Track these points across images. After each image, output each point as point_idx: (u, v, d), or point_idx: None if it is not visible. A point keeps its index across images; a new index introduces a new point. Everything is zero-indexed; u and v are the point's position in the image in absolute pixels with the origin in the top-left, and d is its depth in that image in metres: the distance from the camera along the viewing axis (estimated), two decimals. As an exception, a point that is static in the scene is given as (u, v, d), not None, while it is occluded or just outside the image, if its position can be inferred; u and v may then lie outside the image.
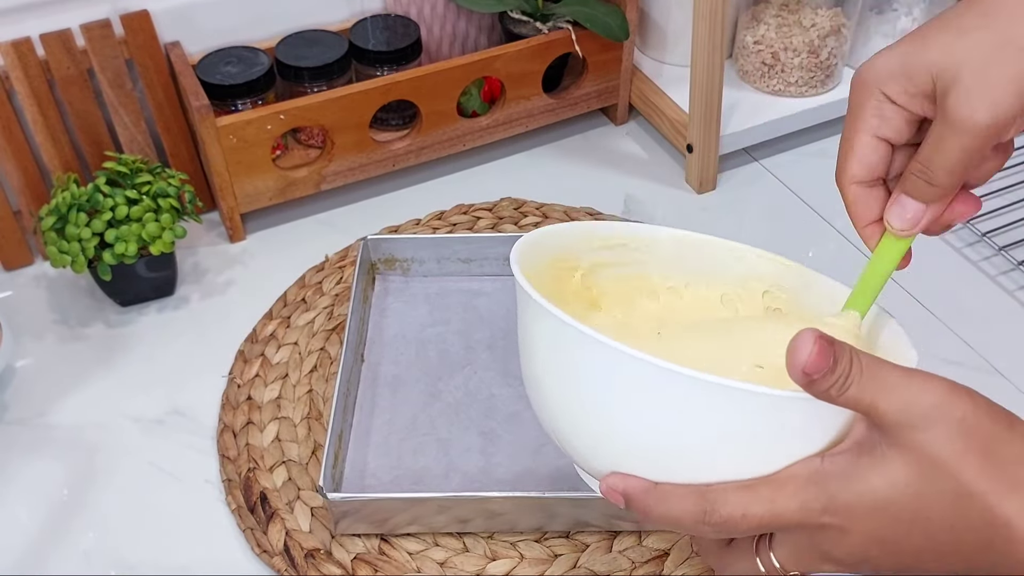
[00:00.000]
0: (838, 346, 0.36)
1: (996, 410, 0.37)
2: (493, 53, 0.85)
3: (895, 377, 0.37)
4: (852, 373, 0.36)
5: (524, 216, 0.86)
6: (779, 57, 0.91)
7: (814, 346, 0.36)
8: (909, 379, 0.37)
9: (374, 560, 0.62)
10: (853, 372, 0.36)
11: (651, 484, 0.41)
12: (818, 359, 0.35)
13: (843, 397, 0.36)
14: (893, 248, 0.44)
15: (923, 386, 0.37)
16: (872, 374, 0.37)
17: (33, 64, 0.76)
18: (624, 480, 0.41)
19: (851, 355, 0.36)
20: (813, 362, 0.35)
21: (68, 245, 0.72)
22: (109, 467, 0.68)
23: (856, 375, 0.36)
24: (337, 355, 0.74)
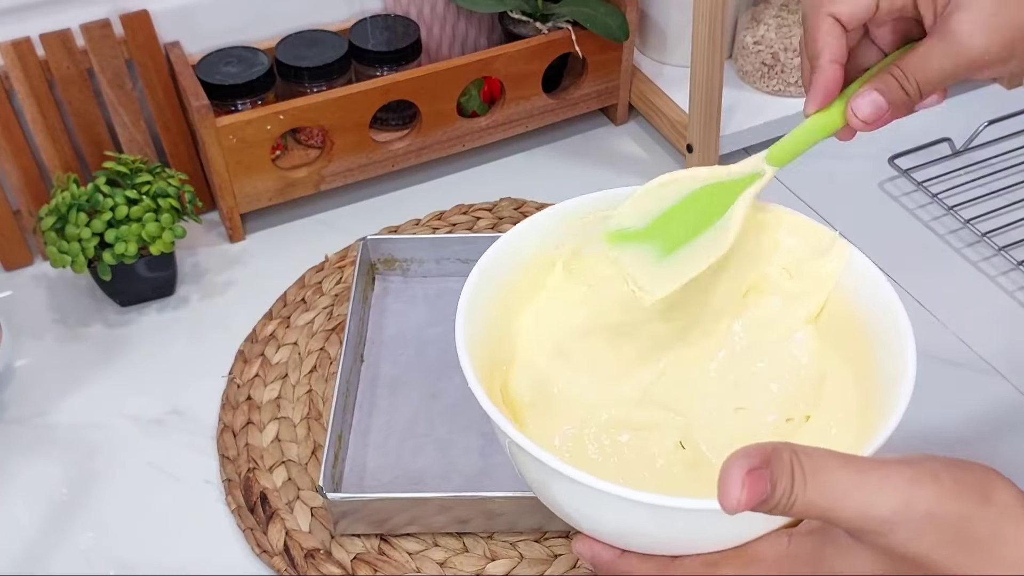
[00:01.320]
0: (774, 466, 0.33)
1: (966, 488, 0.35)
2: (493, 53, 0.85)
3: (846, 483, 0.34)
4: (795, 490, 0.34)
5: (524, 216, 0.86)
6: (779, 57, 0.91)
7: (743, 490, 0.33)
8: (863, 482, 0.34)
9: (374, 560, 0.62)
10: (796, 488, 0.34)
11: (617, 553, 0.40)
12: (751, 495, 0.33)
13: (791, 512, 0.34)
14: (833, 121, 0.46)
15: (880, 488, 0.34)
16: (819, 483, 0.34)
17: (33, 64, 0.76)
18: (591, 547, 0.41)
19: (791, 469, 0.34)
20: (748, 499, 0.33)
21: (68, 245, 0.72)
22: (109, 467, 0.68)
23: (800, 489, 0.34)
24: (337, 355, 0.74)
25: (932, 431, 0.69)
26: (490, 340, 0.45)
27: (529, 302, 0.48)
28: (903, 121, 0.48)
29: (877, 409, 0.41)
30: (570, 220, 0.48)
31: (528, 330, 0.47)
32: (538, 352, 0.46)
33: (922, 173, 0.89)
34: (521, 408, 0.45)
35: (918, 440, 0.68)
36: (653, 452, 0.42)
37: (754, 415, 0.44)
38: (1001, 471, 0.68)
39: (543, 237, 0.48)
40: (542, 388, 0.45)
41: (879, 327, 0.43)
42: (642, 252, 0.45)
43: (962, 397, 0.72)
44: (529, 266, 0.47)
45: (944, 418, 0.70)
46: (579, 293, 0.48)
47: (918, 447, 0.40)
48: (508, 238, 0.46)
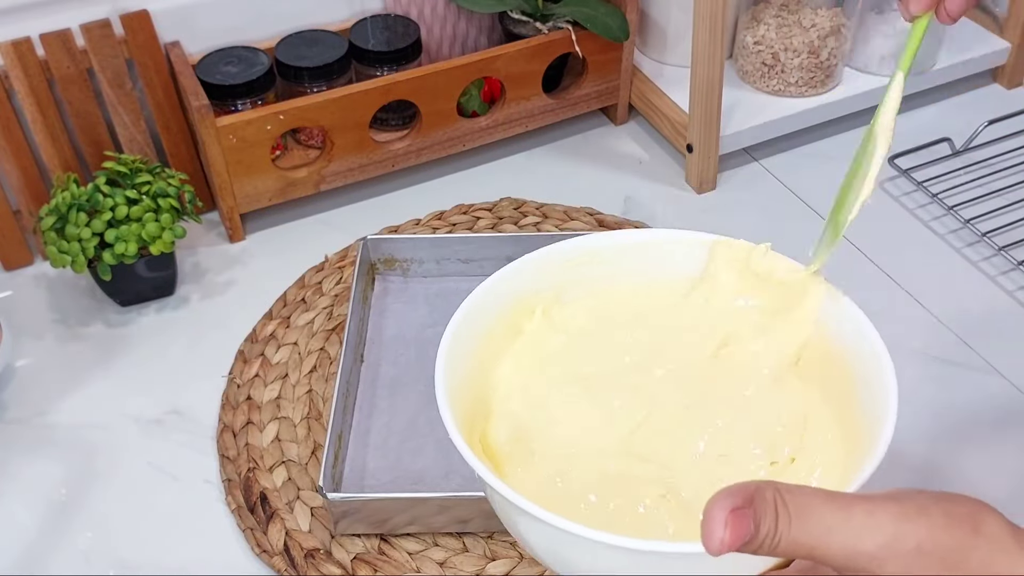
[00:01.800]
0: (757, 505, 0.33)
1: (955, 521, 0.34)
2: (493, 53, 0.85)
3: (831, 519, 0.33)
4: (779, 529, 0.33)
5: (524, 216, 0.86)
6: (779, 57, 0.91)
7: (726, 530, 0.32)
8: (848, 518, 0.33)
9: (374, 560, 0.62)
10: (780, 527, 0.33)
11: None
12: (735, 535, 0.32)
13: (776, 551, 0.34)
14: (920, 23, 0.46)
15: (866, 524, 0.33)
16: (803, 521, 0.33)
17: (33, 64, 0.76)
18: None
19: (775, 507, 0.33)
20: (731, 540, 0.32)
21: (68, 245, 0.72)
22: (109, 467, 0.68)
23: (784, 528, 0.33)
24: (337, 355, 0.74)
25: (932, 431, 0.69)
26: (471, 387, 0.45)
27: (507, 348, 0.48)
28: (903, 121, 0.48)
29: (861, 446, 0.41)
30: (550, 265, 0.49)
31: (506, 379, 0.47)
32: (516, 402, 0.46)
33: (922, 173, 0.89)
34: (501, 458, 0.45)
35: (918, 440, 0.68)
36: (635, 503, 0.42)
37: (738, 461, 0.44)
38: (1001, 471, 0.69)
39: (523, 283, 0.48)
40: (520, 439, 0.45)
41: (860, 365, 0.43)
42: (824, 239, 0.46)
43: (962, 396, 0.72)
44: (507, 312, 0.48)
45: (944, 418, 0.70)
46: (557, 342, 0.48)
47: (918, 447, 0.40)
48: (488, 285, 0.47)
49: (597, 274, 0.49)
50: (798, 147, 0.94)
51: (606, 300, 0.50)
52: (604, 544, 0.35)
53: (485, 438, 0.45)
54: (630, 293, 0.50)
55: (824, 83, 0.93)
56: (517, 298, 0.48)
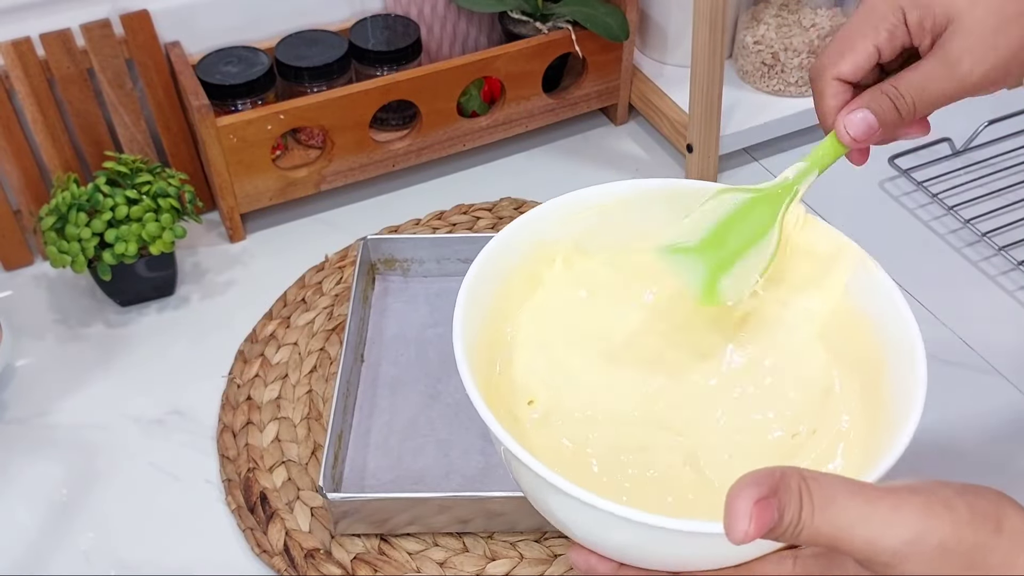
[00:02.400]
0: (782, 494, 0.33)
1: (979, 517, 0.34)
2: (493, 53, 0.85)
3: (855, 513, 0.33)
4: (803, 518, 0.33)
5: (524, 216, 0.86)
6: (779, 57, 0.91)
7: (751, 522, 0.32)
8: (872, 512, 0.33)
9: (374, 560, 0.62)
10: (804, 517, 0.33)
11: (614, 566, 0.40)
12: (759, 526, 0.32)
13: (798, 540, 0.34)
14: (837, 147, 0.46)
15: (890, 519, 0.33)
16: (827, 512, 0.33)
17: (33, 64, 0.76)
18: (587, 559, 0.40)
19: (799, 496, 0.33)
20: (756, 529, 0.32)
21: (68, 245, 0.72)
22: (109, 467, 0.68)
23: (808, 518, 0.33)
24: (337, 355, 0.74)
25: (932, 431, 0.69)
26: (488, 341, 0.44)
27: (527, 298, 0.47)
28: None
29: (885, 425, 0.40)
30: (569, 213, 0.47)
31: (526, 333, 0.46)
32: (535, 360, 0.46)
33: (922, 173, 0.89)
34: (519, 417, 0.44)
35: (917, 440, 0.68)
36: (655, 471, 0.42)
37: (758, 431, 0.43)
38: (1001, 471, 0.69)
39: (542, 229, 0.47)
40: (540, 400, 0.44)
41: (889, 339, 0.42)
42: (691, 264, 0.45)
43: (962, 397, 0.72)
44: (528, 258, 0.47)
45: (944, 418, 0.70)
46: (577, 298, 0.47)
47: (917, 447, 0.39)
48: (510, 230, 0.46)
49: (620, 223, 0.48)
50: (798, 147, 0.94)
51: (629, 253, 0.48)
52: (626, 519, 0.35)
53: (500, 392, 0.44)
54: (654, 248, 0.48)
55: (824, 83, 0.92)
56: (538, 244, 0.47)
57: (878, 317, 0.43)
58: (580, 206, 0.48)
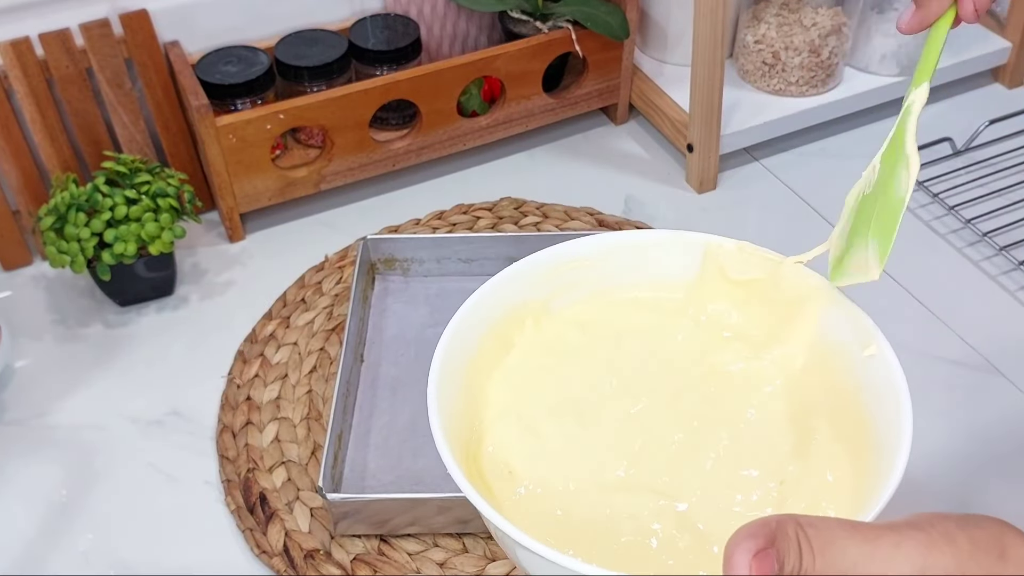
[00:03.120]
0: (780, 543, 0.32)
1: (981, 548, 0.34)
2: (493, 52, 0.85)
3: (855, 553, 0.33)
4: (804, 564, 0.32)
5: (524, 216, 0.86)
6: (780, 56, 0.91)
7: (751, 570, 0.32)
8: (874, 551, 0.33)
9: (373, 561, 0.62)
10: (805, 563, 0.32)
11: None
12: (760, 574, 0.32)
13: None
14: (949, 17, 0.45)
15: (893, 557, 0.33)
16: (828, 556, 0.33)
17: (32, 63, 0.76)
18: None
19: (798, 544, 0.33)
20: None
21: (67, 245, 0.72)
22: (108, 468, 0.68)
23: (809, 564, 0.32)
24: (337, 355, 0.74)
25: (933, 431, 0.69)
26: (464, 407, 0.44)
27: (498, 364, 0.47)
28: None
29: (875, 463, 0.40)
30: (538, 272, 0.48)
31: (498, 402, 0.46)
32: (509, 428, 0.45)
33: (923, 173, 0.89)
34: (501, 492, 0.43)
35: (916, 440, 0.67)
36: (650, 537, 0.41)
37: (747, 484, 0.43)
38: (1001, 472, 0.69)
39: (512, 292, 0.47)
40: (520, 474, 0.44)
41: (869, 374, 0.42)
42: (858, 258, 0.44)
43: (963, 396, 0.71)
44: (499, 324, 0.47)
45: (945, 418, 0.70)
46: (547, 364, 0.47)
47: (918, 448, 0.39)
48: (476, 298, 0.46)
49: (586, 279, 0.49)
50: (799, 146, 0.94)
51: (597, 309, 0.49)
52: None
53: (480, 467, 0.44)
54: (622, 302, 0.49)
55: (825, 82, 0.92)
56: (508, 308, 0.47)
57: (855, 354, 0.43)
58: (548, 265, 0.48)
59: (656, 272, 0.48)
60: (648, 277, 0.49)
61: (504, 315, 0.47)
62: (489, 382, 0.46)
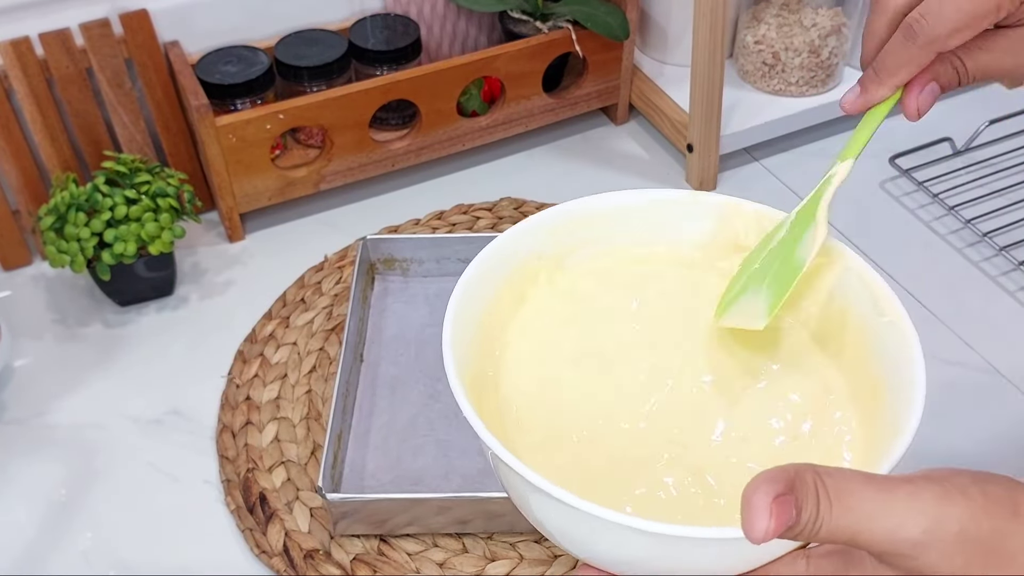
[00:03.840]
0: (799, 490, 0.32)
1: (995, 503, 0.34)
2: (493, 53, 0.85)
3: (872, 504, 0.33)
4: (821, 513, 0.32)
5: (524, 216, 0.86)
6: (780, 57, 0.91)
7: (771, 519, 0.32)
8: (889, 501, 0.33)
9: (373, 561, 0.62)
10: (822, 513, 0.32)
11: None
12: (779, 523, 0.32)
13: (817, 537, 0.33)
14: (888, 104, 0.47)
15: (908, 508, 0.33)
16: (845, 505, 0.33)
17: (32, 63, 0.76)
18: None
19: (816, 492, 0.33)
20: (775, 528, 0.32)
21: (67, 245, 0.72)
22: (108, 467, 0.68)
23: (826, 513, 0.32)
24: (336, 355, 0.74)
25: (933, 432, 0.69)
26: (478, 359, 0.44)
27: (514, 316, 0.47)
28: (903, 121, 0.48)
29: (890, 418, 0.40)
30: (549, 229, 0.47)
31: (515, 351, 0.46)
32: (525, 379, 0.45)
33: (923, 173, 0.89)
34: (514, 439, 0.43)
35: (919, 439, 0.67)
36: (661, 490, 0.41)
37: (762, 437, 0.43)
38: (1000, 472, 0.68)
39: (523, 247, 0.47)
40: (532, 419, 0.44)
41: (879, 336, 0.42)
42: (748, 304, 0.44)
43: (963, 397, 0.71)
44: (512, 277, 0.47)
45: (944, 418, 0.70)
46: (565, 312, 0.47)
47: (919, 447, 0.39)
48: (489, 251, 0.46)
49: (602, 236, 0.48)
50: (799, 147, 0.94)
51: (614, 262, 0.48)
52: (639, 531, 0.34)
53: (495, 414, 0.44)
54: (636, 259, 0.48)
55: (825, 83, 0.92)
56: (522, 260, 0.47)
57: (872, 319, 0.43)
58: (563, 220, 0.48)
59: (672, 232, 0.48)
60: (664, 236, 0.48)
61: (519, 267, 0.47)
62: (505, 332, 0.46)
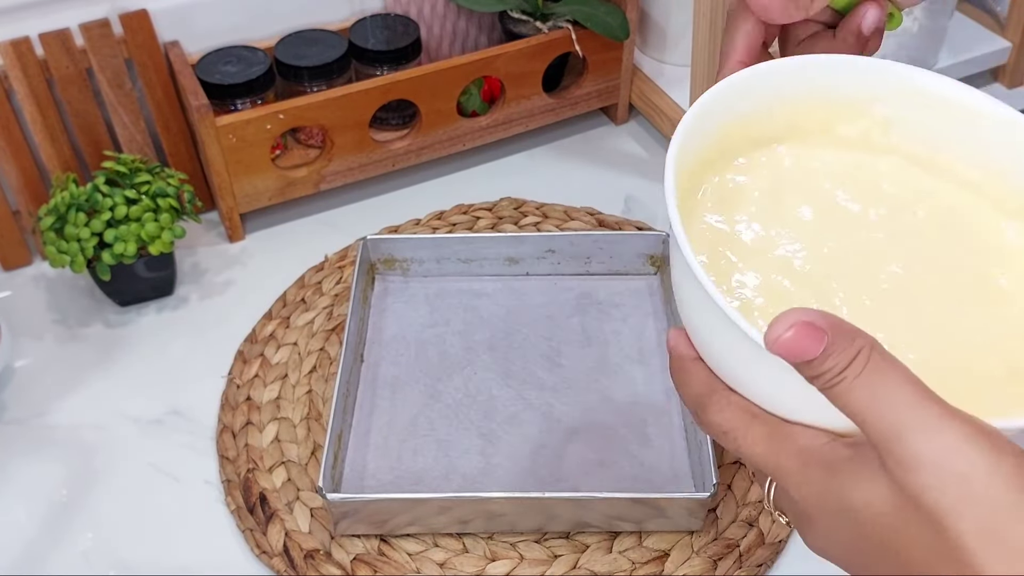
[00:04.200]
0: (839, 339, 0.31)
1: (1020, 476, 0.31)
2: (493, 52, 0.85)
3: (898, 398, 0.31)
4: (846, 373, 0.32)
5: (524, 216, 0.86)
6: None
7: (788, 331, 0.31)
8: (916, 406, 0.31)
9: (373, 561, 0.62)
10: (848, 372, 0.31)
11: (692, 356, 0.39)
12: (794, 341, 0.31)
13: (830, 391, 0.32)
14: None
15: (927, 423, 0.31)
16: (872, 382, 0.31)
17: (32, 63, 0.76)
18: (677, 339, 0.40)
19: (855, 353, 0.31)
20: (789, 343, 0.31)
21: (67, 245, 0.72)
22: (108, 468, 0.68)
23: (850, 376, 0.31)
24: (336, 355, 0.74)
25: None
26: (698, 176, 0.42)
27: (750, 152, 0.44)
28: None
29: None
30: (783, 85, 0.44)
31: (734, 181, 0.43)
32: (736, 216, 0.42)
33: (923, 172, 0.89)
34: (711, 267, 0.41)
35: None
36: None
37: (975, 368, 0.38)
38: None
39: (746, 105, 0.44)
40: (732, 261, 0.41)
41: None
42: None
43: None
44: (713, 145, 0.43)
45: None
46: (799, 174, 0.44)
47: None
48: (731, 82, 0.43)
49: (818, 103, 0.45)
50: (799, 147, 0.94)
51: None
52: (731, 322, 0.33)
53: (696, 227, 0.41)
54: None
55: (825, 82, 0.92)
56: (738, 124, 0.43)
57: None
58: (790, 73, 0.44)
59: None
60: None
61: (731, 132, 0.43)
62: (728, 166, 0.43)
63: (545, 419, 0.69)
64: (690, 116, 0.41)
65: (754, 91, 0.44)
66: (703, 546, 0.62)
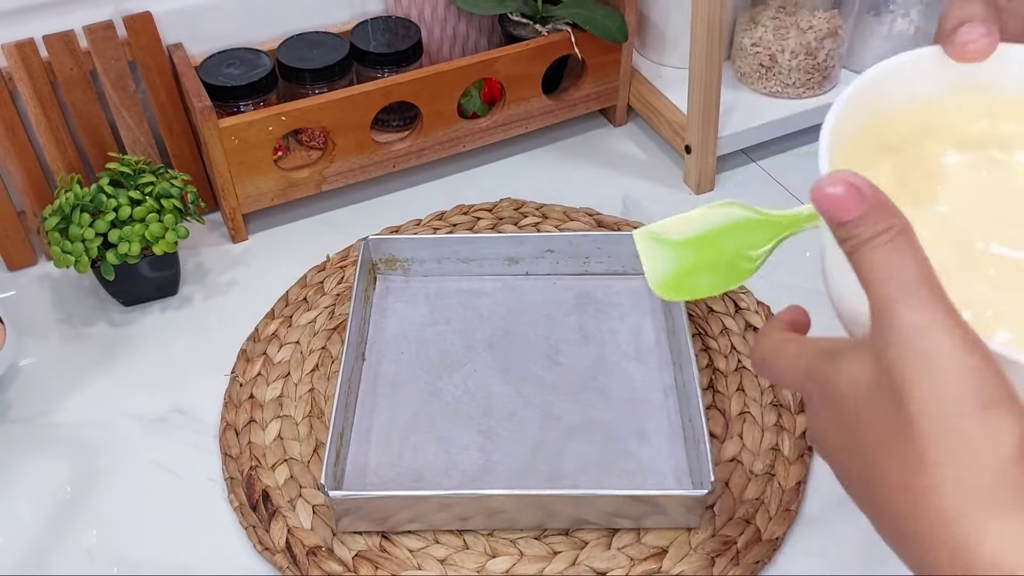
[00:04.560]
0: (878, 210, 0.33)
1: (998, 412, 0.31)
2: (493, 55, 0.86)
3: (905, 281, 0.33)
4: (874, 242, 0.33)
5: (524, 216, 0.87)
6: (776, 59, 0.91)
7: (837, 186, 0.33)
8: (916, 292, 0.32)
9: (375, 557, 0.63)
10: (876, 241, 0.33)
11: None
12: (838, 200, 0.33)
13: (849, 247, 0.34)
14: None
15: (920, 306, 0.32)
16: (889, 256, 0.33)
17: (36, 65, 0.76)
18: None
19: (884, 232, 0.33)
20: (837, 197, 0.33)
21: (71, 245, 0.72)
22: (112, 466, 0.69)
23: (875, 244, 0.33)
24: (338, 354, 0.74)
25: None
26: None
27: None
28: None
29: None
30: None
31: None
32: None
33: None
34: None
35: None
36: None
37: None
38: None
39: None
40: None
41: None
42: (666, 256, 0.45)
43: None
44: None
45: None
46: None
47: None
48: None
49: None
50: (795, 148, 0.95)
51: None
52: None
53: None
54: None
55: (821, 85, 0.93)
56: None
57: None
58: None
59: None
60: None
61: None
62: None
63: (544, 416, 0.70)
64: None
65: None
66: (701, 543, 0.63)
